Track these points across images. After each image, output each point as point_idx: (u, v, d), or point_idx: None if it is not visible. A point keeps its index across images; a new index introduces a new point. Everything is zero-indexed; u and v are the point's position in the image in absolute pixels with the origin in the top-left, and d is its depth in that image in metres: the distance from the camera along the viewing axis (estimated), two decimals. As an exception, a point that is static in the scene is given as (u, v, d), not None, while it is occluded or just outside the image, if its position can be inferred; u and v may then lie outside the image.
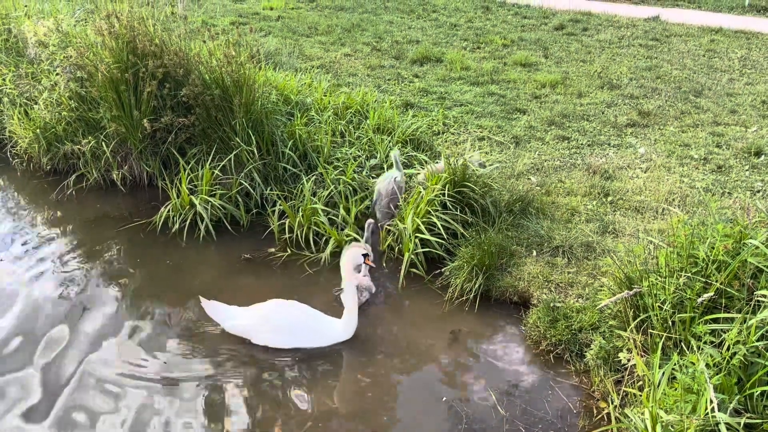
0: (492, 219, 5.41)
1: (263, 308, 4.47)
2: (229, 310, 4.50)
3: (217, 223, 5.86)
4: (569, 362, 4.26)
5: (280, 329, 4.40)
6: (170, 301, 4.95)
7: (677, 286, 3.51)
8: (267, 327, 4.40)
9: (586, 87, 8.78)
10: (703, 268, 3.51)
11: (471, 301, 4.84)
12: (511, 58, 10.09)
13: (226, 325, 4.48)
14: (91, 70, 6.26)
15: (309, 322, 4.47)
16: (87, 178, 6.61)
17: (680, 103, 8.15)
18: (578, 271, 4.84)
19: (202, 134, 6.32)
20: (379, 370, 4.28)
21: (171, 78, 6.21)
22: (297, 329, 4.44)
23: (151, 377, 4.17)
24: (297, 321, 4.45)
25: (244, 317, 4.45)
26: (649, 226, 5.31)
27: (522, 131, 7.34)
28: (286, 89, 7.38)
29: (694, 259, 3.57)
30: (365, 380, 4.20)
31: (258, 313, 4.45)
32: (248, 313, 4.47)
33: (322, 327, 4.49)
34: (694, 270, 3.52)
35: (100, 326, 4.65)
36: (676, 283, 3.51)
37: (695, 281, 3.46)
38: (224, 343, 4.49)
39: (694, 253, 3.56)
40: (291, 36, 11.36)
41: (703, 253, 3.49)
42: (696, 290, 3.43)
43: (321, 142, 6.47)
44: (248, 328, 4.43)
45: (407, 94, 8.46)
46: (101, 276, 5.26)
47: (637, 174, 6.29)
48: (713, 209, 3.66)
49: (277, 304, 4.50)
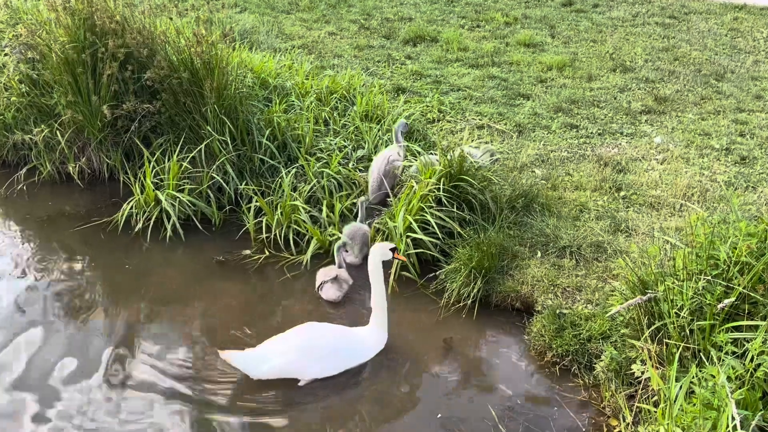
0: (492, 216, 5.42)
1: (296, 338, 4.31)
2: (257, 354, 4.26)
3: (185, 221, 5.83)
4: (577, 375, 4.28)
5: (327, 356, 4.31)
6: (131, 312, 4.92)
7: (696, 291, 3.53)
8: (312, 357, 4.27)
9: (597, 70, 8.80)
10: (724, 271, 3.53)
11: (469, 308, 4.84)
12: (513, 37, 10.09)
13: (260, 372, 4.21)
14: (44, 50, 6.22)
15: (347, 341, 4.44)
16: (40, 172, 6.57)
17: (700, 88, 8.19)
18: (587, 274, 4.86)
19: (169, 122, 6.29)
20: (366, 384, 4.28)
21: (134, 59, 6.17)
22: (341, 351, 4.37)
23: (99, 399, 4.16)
24: (338, 342, 4.40)
25: (279, 355, 4.22)
26: (665, 223, 5.33)
27: (526, 119, 7.35)
28: (263, 72, 7.37)
29: (715, 261, 3.59)
30: (351, 395, 4.20)
31: (295, 346, 4.27)
32: (278, 348, 4.26)
33: (360, 341, 4.47)
34: (715, 273, 3.54)
35: (44, 344, 4.59)
36: (695, 287, 3.52)
37: (716, 285, 3.48)
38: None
39: (714, 254, 3.58)
40: (269, 12, 11.32)
41: (724, 254, 3.50)
42: (716, 295, 3.45)
43: (302, 131, 6.46)
44: (292, 365, 4.24)
45: (399, 78, 8.46)
46: (52, 283, 5.23)
47: (652, 166, 6.32)
48: (735, 205, 3.67)
49: (309, 329, 4.40)
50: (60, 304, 5.00)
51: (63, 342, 4.62)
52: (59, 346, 4.58)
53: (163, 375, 4.33)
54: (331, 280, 5.05)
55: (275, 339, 4.34)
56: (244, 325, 4.78)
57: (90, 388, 4.22)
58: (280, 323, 4.78)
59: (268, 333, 4.64)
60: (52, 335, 4.68)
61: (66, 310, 4.95)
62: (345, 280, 5.07)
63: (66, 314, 4.91)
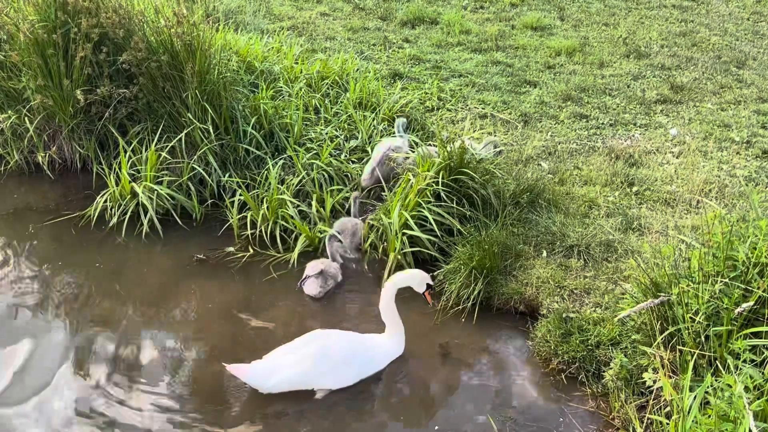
0: (495, 213, 5.41)
1: (307, 347, 4.28)
2: (266, 366, 4.21)
3: (164, 216, 5.82)
4: (584, 384, 4.28)
5: (341, 365, 4.29)
6: (99, 315, 4.90)
7: (712, 294, 3.53)
8: (326, 367, 4.24)
9: (609, 55, 8.80)
10: (743, 273, 3.53)
11: (469, 311, 4.84)
12: (520, 20, 10.09)
13: (270, 385, 4.17)
14: (11, 29, 6.18)
15: (363, 347, 4.44)
16: (6, 162, 6.53)
17: (720, 76, 8.20)
18: (596, 276, 4.86)
19: (147, 109, 6.26)
20: (357, 393, 4.27)
21: (109, 41, 6.14)
22: (355, 359, 4.37)
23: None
24: (352, 350, 4.39)
25: (289, 366, 4.19)
26: (680, 222, 5.34)
27: (532, 108, 7.35)
28: (249, 55, 7.34)
29: (733, 262, 3.59)
30: (341, 407, 4.18)
31: (306, 355, 4.23)
32: (290, 359, 4.22)
33: (376, 349, 4.47)
34: (733, 275, 3.54)
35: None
36: (711, 290, 3.53)
37: (733, 288, 3.48)
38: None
39: (732, 255, 3.58)
40: (256, -9, 11.30)
41: (743, 254, 3.50)
42: (734, 299, 3.45)
43: (291, 119, 6.44)
44: (304, 376, 4.20)
45: (395, 63, 8.45)
46: (17, 282, 5.21)
47: (667, 160, 6.32)
48: (756, 202, 3.67)
49: (320, 336, 4.38)
50: (22, 306, 4.98)
51: (21, 348, 4.59)
52: (16, 353, 4.55)
53: (129, 384, 4.33)
54: (315, 274, 5.07)
55: (283, 348, 4.31)
56: (224, 328, 4.77)
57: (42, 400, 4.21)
58: (263, 327, 4.78)
59: (251, 338, 4.66)
60: (9, 340, 4.65)
61: (28, 312, 4.92)
62: (332, 276, 5.12)
63: (27, 317, 4.89)
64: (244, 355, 4.41)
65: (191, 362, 4.53)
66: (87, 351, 4.60)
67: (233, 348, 4.59)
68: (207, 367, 4.46)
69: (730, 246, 3.62)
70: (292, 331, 4.68)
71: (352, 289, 5.23)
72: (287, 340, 4.40)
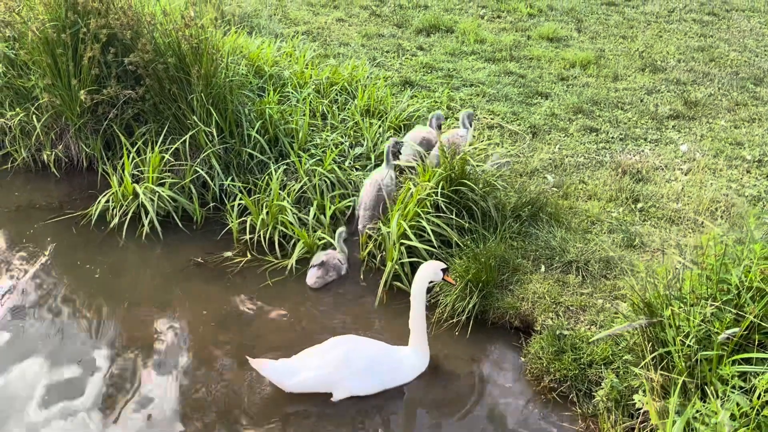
0: (494, 225, 5.35)
1: (332, 351, 4.27)
2: (288, 365, 4.23)
3: (165, 218, 5.83)
4: (575, 403, 4.20)
5: (363, 372, 4.27)
6: (88, 317, 4.90)
7: (704, 317, 3.45)
8: (347, 372, 4.22)
9: (624, 68, 8.71)
10: (735, 297, 3.45)
11: (463, 324, 4.79)
12: (536, 30, 10.03)
13: (290, 384, 4.19)
14: (22, 28, 6.23)
15: (388, 357, 4.40)
16: (14, 159, 6.59)
17: (736, 92, 8.08)
18: (593, 293, 4.79)
19: (154, 110, 6.29)
20: (346, 409, 4.21)
21: (118, 41, 6.19)
22: (379, 368, 4.33)
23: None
24: (377, 358, 4.36)
25: (311, 368, 4.20)
26: (683, 240, 5.25)
27: (542, 119, 7.28)
28: (259, 59, 7.35)
29: (726, 285, 3.51)
30: (328, 428, 4.13)
31: (329, 358, 4.23)
32: (313, 361, 4.23)
33: (401, 361, 4.42)
34: (725, 298, 3.46)
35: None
36: (703, 313, 3.45)
37: (725, 312, 3.40)
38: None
39: (725, 278, 3.50)
40: (275, -6, 11.34)
41: (735, 278, 3.43)
42: (726, 323, 3.37)
43: (296, 125, 6.43)
44: (324, 378, 4.20)
45: (408, 70, 8.42)
46: (5, 278, 5.24)
47: (675, 176, 6.23)
48: (753, 224, 3.59)
49: (347, 342, 4.36)
50: (21, 303, 5.00)
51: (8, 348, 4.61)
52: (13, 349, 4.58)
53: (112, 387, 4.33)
54: (317, 265, 5.15)
55: (310, 350, 4.32)
56: (216, 334, 4.75)
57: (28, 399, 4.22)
58: (256, 334, 4.76)
59: (243, 344, 4.64)
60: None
61: (16, 311, 4.95)
62: (333, 267, 5.21)
63: (14, 317, 4.90)
64: (231, 361, 4.40)
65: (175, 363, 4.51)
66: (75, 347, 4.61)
67: (224, 352, 4.58)
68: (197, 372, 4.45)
69: (724, 269, 3.54)
70: (288, 338, 4.68)
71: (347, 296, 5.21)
72: (282, 346, 4.40)
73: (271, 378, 4.22)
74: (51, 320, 4.86)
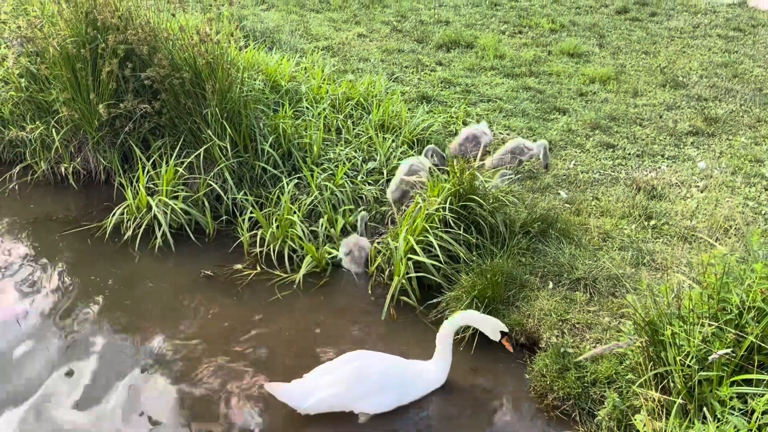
0: (503, 241, 5.33)
1: (345, 368, 4.24)
2: (304, 385, 4.19)
3: (178, 230, 5.90)
4: (578, 422, 4.15)
5: (379, 389, 4.23)
6: (93, 328, 4.96)
7: (704, 337, 3.41)
8: (367, 388, 4.19)
9: (645, 84, 8.64)
10: (736, 317, 3.40)
11: (468, 340, 4.77)
12: (557, 45, 10.00)
13: (307, 405, 4.13)
14: (43, 44, 6.38)
15: (403, 372, 4.38)
16: (34, 171, 6.73)
17: (758, 109, 7.96)
18: (600, 310, 4.74)
19: (170, 124, 6.39)
20: (344, 426, 4.21)
21: (136, 56, 6.30)
22: (392, 383, 4.30)
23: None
24: (389, 373, 4.33)
25: (328, 387, 4.15)
26: (695, 259, 5.17)
27: (558, 135, 7.25)
28: (276, 74, 7.43)
29: (728, 305, 3.46)
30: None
31: (340, 374, 4.20)
32: (327, 380, 4.19)
33: (418, 373, 4.42)
34: (726, 318, 3.41)
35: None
36: (703, 332, 3.40)
37: (726, 332, 3.35)
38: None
39: (726, 297, 3.45)
40: (297, 10, 11.46)
41: (736, 297, 3.38)
42: (726, 343, 3.32)
43: (310, 139, 6.48)
44: (339, 398, 4.15)
45: (425, 86, 8.45)
46: (22, 287, 5.33)
47: (691, 193, 6.15)
48: (755, 243, 3.53)
49: (359, 357, 4.35)
50: (32, 313, 5.09)
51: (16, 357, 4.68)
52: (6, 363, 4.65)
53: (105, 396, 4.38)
54: (346, 254, 5.53)
55: (323, 368, 4.29)
56: (221, 347, 4.78)
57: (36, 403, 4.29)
58: (265, 347, 4.79)
59: (246, 358, 4.66)
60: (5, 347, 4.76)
61: (38, 320, 5.04)
62: (363, 248, 5.54)
63: (36, 326, 4.99)
64: (242, 375, 4.43)
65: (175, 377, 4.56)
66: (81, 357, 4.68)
67: (230, 367, 4.61)
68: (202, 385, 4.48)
69: (726, 288, 3.49)
70: (293, 351, 4.70)
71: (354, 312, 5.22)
72: (291, 360, 4.42)
73: (287, 402, 4.15)
74: (63, 330, 4.93)
